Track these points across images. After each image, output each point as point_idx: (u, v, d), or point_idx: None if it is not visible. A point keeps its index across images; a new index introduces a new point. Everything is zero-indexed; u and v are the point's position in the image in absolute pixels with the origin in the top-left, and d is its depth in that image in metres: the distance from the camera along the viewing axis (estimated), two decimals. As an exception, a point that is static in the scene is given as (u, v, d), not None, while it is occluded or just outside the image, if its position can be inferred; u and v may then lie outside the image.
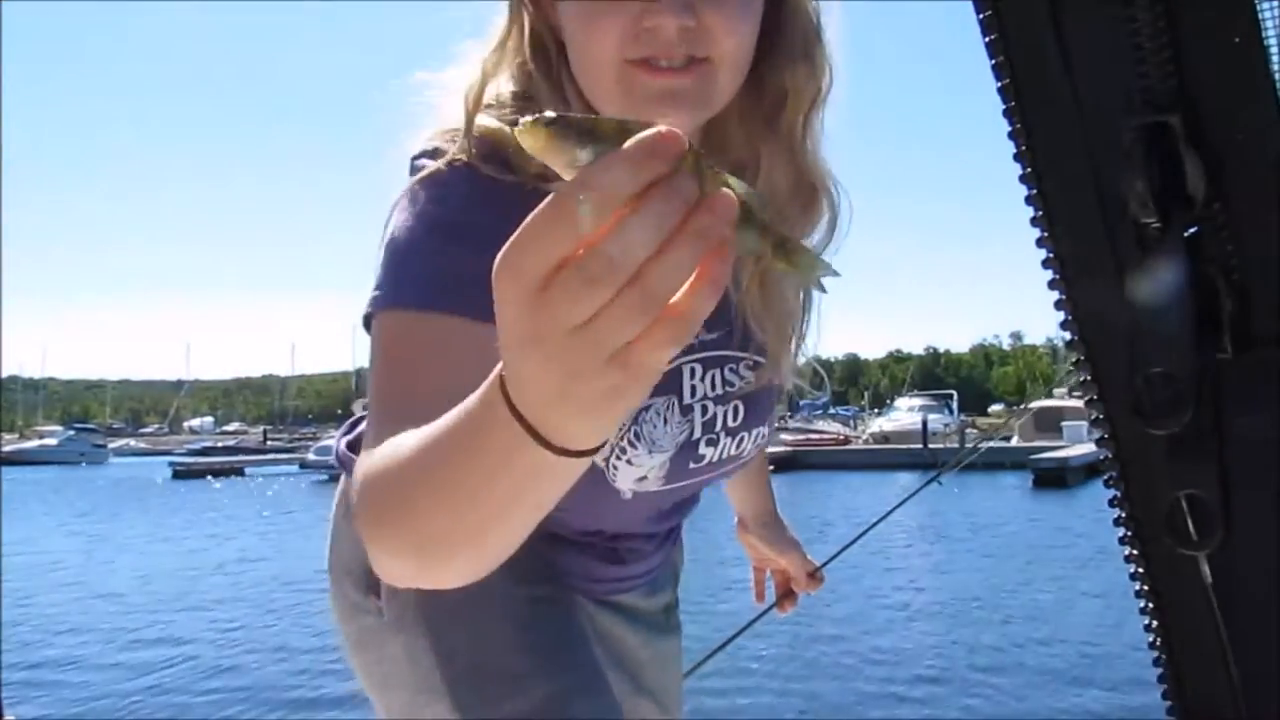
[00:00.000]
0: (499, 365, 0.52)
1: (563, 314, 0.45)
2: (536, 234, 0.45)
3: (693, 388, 0.97)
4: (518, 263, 0.46)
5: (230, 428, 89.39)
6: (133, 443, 72.87)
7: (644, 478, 0.97)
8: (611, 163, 0.43)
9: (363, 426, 0.89)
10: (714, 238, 0.44)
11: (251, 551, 15.09)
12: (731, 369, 1.00)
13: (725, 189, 0.45)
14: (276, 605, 10.40)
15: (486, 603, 0.95)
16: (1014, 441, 37.04)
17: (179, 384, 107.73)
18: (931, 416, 37.01)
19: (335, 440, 1.12)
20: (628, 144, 0.43)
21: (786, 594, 1.45)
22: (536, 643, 0.99)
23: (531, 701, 0.95)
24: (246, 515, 21.35)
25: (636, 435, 0.94)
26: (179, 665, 7.80)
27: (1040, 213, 0.82)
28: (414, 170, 0.87)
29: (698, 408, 0.98)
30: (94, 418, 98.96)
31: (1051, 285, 0.83)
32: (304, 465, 35.64)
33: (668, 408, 0.95)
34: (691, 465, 0.99)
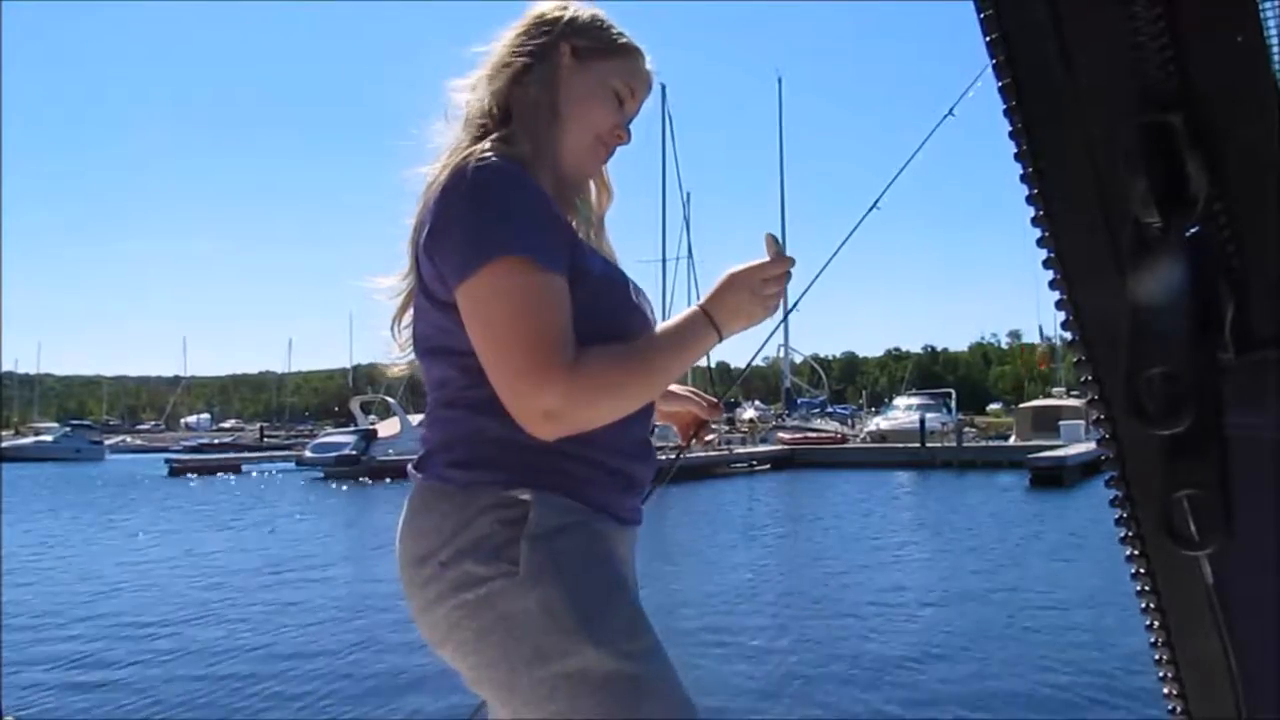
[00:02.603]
0: (697, 308, 1.34)
1: (770, 299, 1.35)
2: (770, 270, 1.35)
3: None
4: (756, 279, 1.34)
5: (227, 424, 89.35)
6: (129, 439, 72.64)
7: None
8: (788, 261, 1.36)
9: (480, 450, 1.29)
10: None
11: (250, 548, 15.10)
12: None
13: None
14: (275, 602, 10.42)
15: (600, 562, 1.28)
16: (1011, 441, 37.13)
17: (176, 380, 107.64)
18: (929, 415, 37.01)
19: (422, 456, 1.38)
20: (787, 257, 1.37)
21: (700, 427, 1.74)
22: (632, 597, 1.32)
23: (647, 643, 1.26)
24: (243, 512, 21.34)
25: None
26: (178, 664, 7.80)
27: (1041, 213, 0.82)
28: (482, 161, 1.25)
29: None
30: (90, 414, 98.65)
31: (1052, 285, 0.84)
32: (301, 462, 35.55)
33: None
34: None
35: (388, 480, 29.43)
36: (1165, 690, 0.97)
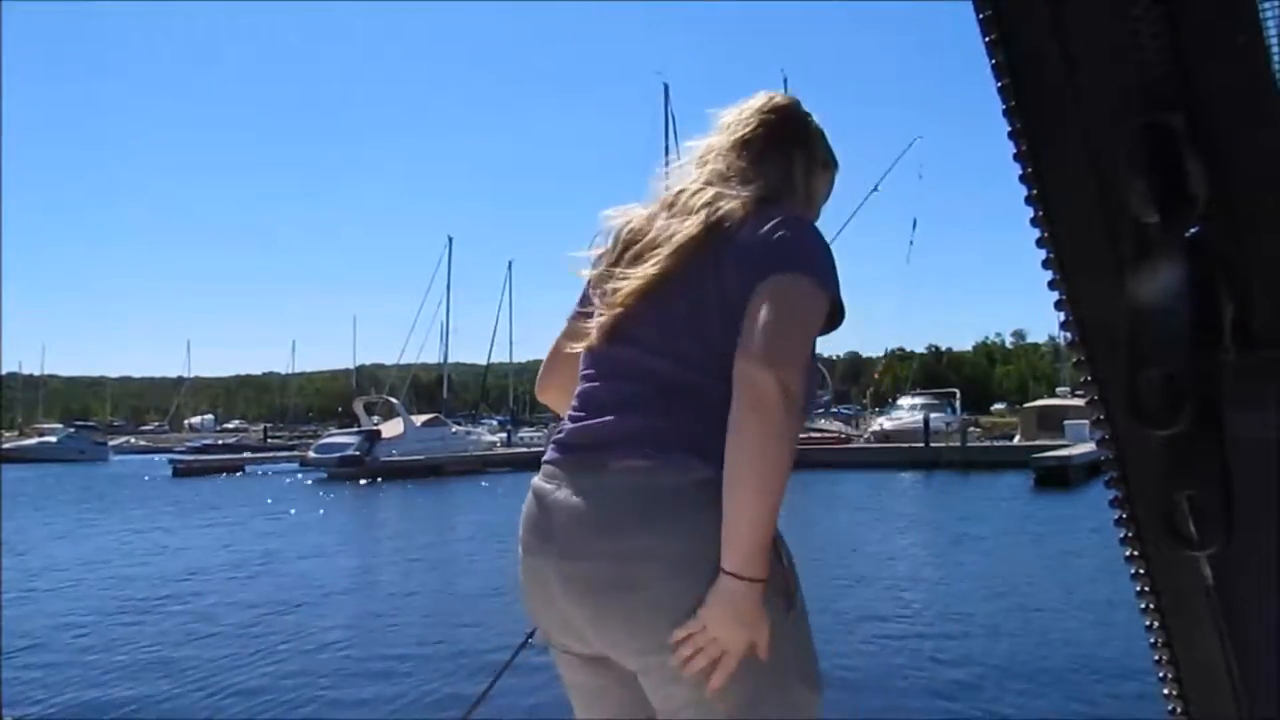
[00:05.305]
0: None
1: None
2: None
3: None
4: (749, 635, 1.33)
5: (231, 425, 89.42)
6: (133, 440, 72.75)
7: None
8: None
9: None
10: None
11: (252, 550, 15.11)
12: None
13: None
14: (277, 604, 10.42)
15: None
16: (1016, 441, 37.07)
17: (179, 381, 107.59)
18: (933, 415, 36.92)
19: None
20: None
21: None
22: None
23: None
24: (247, 513, 21.34)
25: None
26: (179, 665, 7.81)
27: (1040, 213, 0.82)
28: (794, 218, 1.45)
29: None
30: (94, 415, 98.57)
31: (1052, 285, 0.84)
32: (304, 463, 35.57)
33: None
34: None
35: (402, 481, 29.36)
36: (1165, 690, 0.97)
